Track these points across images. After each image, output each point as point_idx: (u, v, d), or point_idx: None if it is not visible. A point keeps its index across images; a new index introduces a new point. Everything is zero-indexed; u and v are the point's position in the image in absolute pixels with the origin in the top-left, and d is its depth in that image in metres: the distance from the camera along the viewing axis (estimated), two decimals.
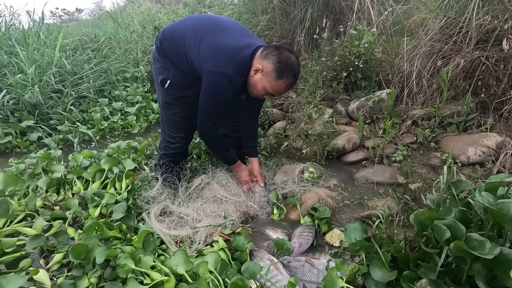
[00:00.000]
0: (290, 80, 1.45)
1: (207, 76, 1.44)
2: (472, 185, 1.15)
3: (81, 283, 1.08)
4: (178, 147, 1.80)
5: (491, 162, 1.80)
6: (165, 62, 1.62)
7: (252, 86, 1.49)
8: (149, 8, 7.05)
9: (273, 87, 1.45)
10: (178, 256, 1.16)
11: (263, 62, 1.43)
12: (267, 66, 1.42)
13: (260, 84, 1.46)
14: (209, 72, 1.43)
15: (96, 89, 3.57)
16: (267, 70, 1.42)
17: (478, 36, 2.13)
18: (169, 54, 1.59)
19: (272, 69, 1.41)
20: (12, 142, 2.51)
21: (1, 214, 1.34)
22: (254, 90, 1.51)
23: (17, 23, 4.66)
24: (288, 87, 1.48)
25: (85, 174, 1.84)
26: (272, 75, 1.42)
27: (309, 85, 2.71)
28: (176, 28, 1.56)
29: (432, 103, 2.28)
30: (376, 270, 1.06)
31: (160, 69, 1.64)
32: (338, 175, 2.02)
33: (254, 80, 1.47)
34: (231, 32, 1.51)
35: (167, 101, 1.69)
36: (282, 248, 1.33)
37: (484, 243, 0.88)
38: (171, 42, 1.56)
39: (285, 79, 1.43)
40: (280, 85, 1.45)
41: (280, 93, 1.51)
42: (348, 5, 3.11)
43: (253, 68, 1.44)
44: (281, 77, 1.42)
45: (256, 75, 1.45)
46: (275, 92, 1.48)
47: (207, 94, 1.47)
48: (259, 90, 1.48)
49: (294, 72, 1.45)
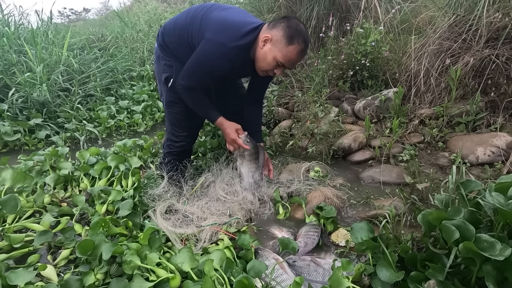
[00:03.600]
0: (301, 46, 1.38)
1: (205, 43, 1.39)
2: (481, 185, 1.13)
3: (87, 279, 1.08)
4: (182, 146, 1.79)
5: (501, 162, 1.77)
6: (168, 59, 1.61)
7: (262, 59, 1.43)
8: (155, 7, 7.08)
9: (284, 54, 1.39)
10: (184, 253, 1.16)
11: (272, 31, 1.39)
12: (276, 34, 1.37)
13: (270, 54, 1.40)
14: (208, 40, 1.38)
15: (103, 87, 3.60)
16: (276, 38, 1.38)
17: (488, 34, 2.09)
18: (173, 48, 1.57)
19: (282, 35, 1.37)
20: (21, 139, 2.55)
21: (10, 210, 1.36)
22: (263, 63, 1.44)
23: (26, 22, 4.72)
24: (300, 55, 1.41)
25: (92, 171, 1.86)
26: (282, 42, 1.37)
27: (315, 84, 2.69)
28: (177, 20, 1.55)
29: (440, 102, 2.24)
30: (383, 270, 1.05)
31: (164, 67, 1.64)
32: (344, 175, 2.00)
33: (263, 52, 1.41)
34: (235, 10, 1.48)
35: (170, 99, 1.68)
36: (288, 247, 1.32)
37: (494, 244, 0.86)
38: (173, 35, 1.54)
39: (296, 45, 1.37)
40: (292, 51, 1.38)
41: (292, 61, 1.43)
42: (354, 3, 3.08)
43: (261, 40, 1.40)
44: (292, 42, 1.36)
45: (265, 46, 1.40)
46: (286, 61, 1.41)
47: (200, 59, 1.41)
48: (269, 62, 1.42)
49: (305, 38, 1.39)
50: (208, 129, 2.43)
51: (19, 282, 1.01)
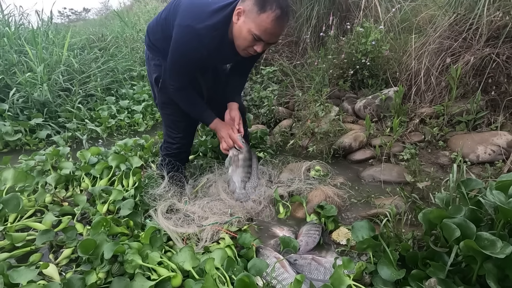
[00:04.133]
0: (275, 12, 1.24)
1: (175, 31, 1.34)
2: (482, 184, 1.13)
3: (89, 278, 1.09)
4: (178, 148, 1.77)
5: (501, 161, 1.77)
6: (157, 59, 1.58)
7: (237, 35, 1.33)
8: (155, 7, 7.09)
9: (258, 24, 1.26)
10: (185, 252, 1.16)
11: (244, 3, 1.28)
12: (248, 4, 1.27)
13: (244, 27, 1.29)
14: (177, 26, 1.33)
15: (103, 87, 3.61)
16: (248, 8, 1.26)
17: (489, 33, 2.09)
18: (159, 45, 1.54)
19: (252, 3, 1.25)
20: (22, 139, 2.55)
21: (12, 209, 1.36)
22: (240, 39, 1.33)
23: (26, 22, 4.73)
24: (276, 23, 1.26)
25: (93, 171, 1.86)
26: (253, 11, 1.25)
27: (316, 83, 2.69)
28: (159, 17, 1.51)
29: (440, 101, 2.24)
30: (384, 269, 1.05)
31: (153, 67, 1.61)
32: (345, 174, 2.00)
33: (238, 27, 1.31)
34: None
35: (163, 101, 1.65)
36: (289, 245, 1.32)
37: (495, 242, 0.87)
38: (157, 32, 1.51)
39: (269, 11, 1.24)
40: (265, 19, 1.25)
41: (268, 32, 1.28)
42: (355, 2, 3.08)
43: (235, 14, 1.30)
44: (264, 9, 1.23)
45: (239, 20, 1.30)
46: (261, 31, 1.27)
47: (173, 49, 1.37)
48: (245, 36, 1.30)
49: (280, 4, 1.24)
50: (209, 128, 2.43)
51: (21, 281, 1.02)
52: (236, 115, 1.65)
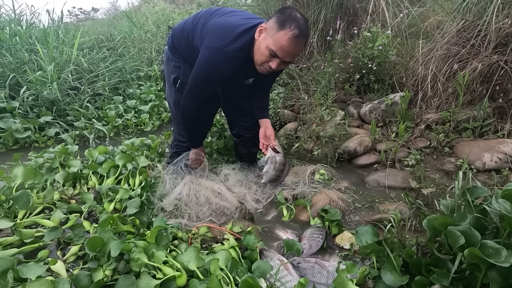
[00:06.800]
0: (293, 32, 1.30)
1: (202, 51, 1.40)
2: (488, 192, 1.13)
3: (96, 274, 1.10)
4: (188, 146, 1.82)
5: (508, 169, 1.76)
6: (177, 60, 1.65)
7: (256, 50, 1.40)
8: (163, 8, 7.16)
9: (275, 41, 1.32)
10: (190, 252, 1.18)
11: (267, 22, 1.37)
12: (269, 23, 1.35)
13: (263, 43, 1.35)
14: (205, 47, 1.39)
15: (111, 87, 3.65)
16: (269, 26, 1.35)
17: (497, 40, 2.08)
18: (181, 50, 1.61)
19: (274, 21, 1.33)
20: (31, 136, 2.60)
21: (22, 206, 1.39)
22: (258, 54, 1.40)
23: (37, 22, 4.81)
24: (292, 41, 1.31)
25: (100, 170, 1.88)
26: (274, 28, 1.32)
27: (321, 86, 2.70)
28: (186, 23, 1.59)
29: (447, 107, 2.23)
30: (387, 274, 1.06)
31: (173, 68, 1.68)
32: (349, 178, 2.01)
33: (258, 43, 1.39)
34: (237, 13, 1.48)
35: (178, 100, 1.70)
36: (292, 248, 1.33)
37: (500, 250, 0.87)
38: (181, 38, 1.58)
39: (288, 29, 1.30)
40: (282, 37, 1.31)
41: (284, 49, 1.33)
42: (362, 6, 3.09)
43: (257, 31, 1.38)
44: (283, 27, 1.30)
45: (260, 36, 1.38)
46: (278, 48, 1.33)
47: (199, 70, 1.43)
48: (263, 51, 1.36)
49: (299, 25, 1.31)
50: (215, 129, 2.45)
51: (30, 276, 1.04)
52: (271, 134, 1.74)
